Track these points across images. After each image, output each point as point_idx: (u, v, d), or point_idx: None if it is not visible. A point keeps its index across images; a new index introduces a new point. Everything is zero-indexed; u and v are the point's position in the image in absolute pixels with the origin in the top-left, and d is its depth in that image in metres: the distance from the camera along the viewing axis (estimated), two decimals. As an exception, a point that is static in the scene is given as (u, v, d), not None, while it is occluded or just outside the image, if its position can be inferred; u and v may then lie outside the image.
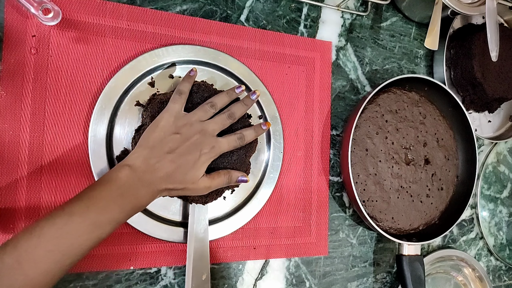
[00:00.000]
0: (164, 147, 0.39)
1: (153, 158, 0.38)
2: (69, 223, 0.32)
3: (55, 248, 0.31)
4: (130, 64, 0.44)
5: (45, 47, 0.42)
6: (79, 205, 0.33)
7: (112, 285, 0.44)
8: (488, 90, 0.61)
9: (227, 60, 0.48)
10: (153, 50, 0.45)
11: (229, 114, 0.43)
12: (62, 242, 0.32)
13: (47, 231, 0.32)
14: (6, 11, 0.40)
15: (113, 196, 0.35)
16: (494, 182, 0.70)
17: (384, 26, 0.61)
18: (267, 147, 0.50)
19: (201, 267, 0.43)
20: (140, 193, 0.36)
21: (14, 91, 0.40)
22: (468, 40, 0.61)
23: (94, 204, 0.34)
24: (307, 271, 0.53)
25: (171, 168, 0.38)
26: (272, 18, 0.53)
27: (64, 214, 0.33)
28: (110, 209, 0.34)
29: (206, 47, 0.47)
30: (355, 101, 0.58)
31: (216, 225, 0.47)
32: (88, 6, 0.43)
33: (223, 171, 0.43)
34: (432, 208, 0.58)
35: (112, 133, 0.43)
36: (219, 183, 0.42)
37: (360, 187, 0.54)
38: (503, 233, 0.70)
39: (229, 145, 0.42)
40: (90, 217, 0.33)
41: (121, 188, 0.35)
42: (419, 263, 0.54)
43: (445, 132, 0.60)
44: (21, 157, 0.40)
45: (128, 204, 0.36)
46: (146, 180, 0.37)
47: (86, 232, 0.33)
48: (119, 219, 0.35)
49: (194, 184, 0.40)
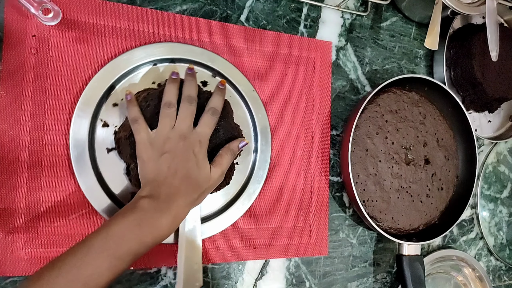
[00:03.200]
0: (163, 171, 0.38)
1: (161, 186, 0.38)
2: (89, 254, 0.33)
3: (75, 278, 0.32)
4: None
5: (45, 47, 0.42)
6: (97, 237, 0.34)
7: (112, 285, 0.43)
8: (488, 90, 0.61)
9: (203, 53, 0.47)
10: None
11: (188, 100, 0.41)
12: (82, 272, 0.32)
13: (68, 262, 0.33)
14: (6, 11, 0.40)
15: (131, 229, 0.35)
16: (494, 182, 0.70)
17: (384, 26, 0.61)
18: (254, 145, 0.50)
19: (192, 256, 0.43)
20: (160, 223, 0.36)
21: (14, 91, 0.40)
22: (468, 40, 0.61)
23: (112, 237, 0.34)
24: (307, 271, 0.53)
25: (182, 184, 0.38)
26: (272, 18, 0.53)
27: (84, 245, 0.33)
28: (128, 241, 0.35)
29: (182, 43, 0.47)
30: (355, 101, 0.58)
31: (208, 222, 0.46)
32: (88, 6, 0.43)
33: (223, 149, 0.43)
34: (432, 208, 0.58)
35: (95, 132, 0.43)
36: (227, 162, 0.42)
37: (360, 187, 0.54)
38: (503, 233, 0.70)
39: (209, 127, 0.41)
40: (108, 249, 0.34)
41: (139, 220, 0.36)
42: (419, 263, 0.54)
43: (445, 132, 0.60)
44: (21, 157, 0.40)
45: (147, 236, 0.36)
46: (165, 208, 0.37)
47: (105, 263, 0.33)
48: (139, 251, 0.35)
49: (208, 180, 0.40)
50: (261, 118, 0.50)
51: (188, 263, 0.43)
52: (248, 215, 0.50)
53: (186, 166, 0.39)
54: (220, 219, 0.47)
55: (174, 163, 0.39)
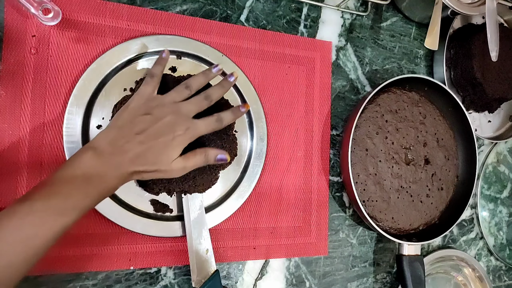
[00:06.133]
0: (134, 128, 0.37)
1: (121, 139, 0.36)
2: (31, 213, 0.30)
3: (16, 240, 0.30)
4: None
5: (45, 47, 0.42)
6: (40, 193, 0.32)
7: (112, 285, 0.44)
8: (488, 90, 0.61)
9: (228, 63, 0.48)
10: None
11: (206, 95, 0.41)
12: (23, 232, 0.30)
13: (8, 222, 0.30)
14: (6, 11, 0.40)
15: (77, 182, 0.33)
16: (494, 182, 0.70)
17: (384, 26, 0.61)
18: (250, 138, 0.50)
19: (202, 244, 0.44)
20: (107, 177, 0.34)
21: (14, 91, 0.40)
22: (468, 40, 0.61)
23: (56, 191, 0.32)
24: (307, 271, 0.53)
25: (141, 149, 0.36)
26: (272, 18, 0.53)
27: (24, 205, 0.31)
28: (74, 196, 0.32)
29: (178, 35, 0.47)
30: (355, 101, 0.58)
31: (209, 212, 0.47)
32: (88, 6, 0.43)
33: (200, 149, 0.40)
34: (432, 208, 0.58)
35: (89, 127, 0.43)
36: (195, 163, 0.40)
37: (360, 187, 0.54)
38: (503, 233, 0.70)
39: (206, 127, 0.40)
40: (52, 205, 0.31)
41: (85, 172, 0.33)
42: (419, 263, 0.54)
43: (445, 132, 0.60)
44: (21, 157, 0.40)
45: (94, 189, 0.34)
46: (113, 163, 0.35)
47: (49, 221, 0.31)
48: (85, 206, 0.33)
49: (167, 166, 0.38)
50: (255, 109, 0.50)
51: (199, 251, 0.44)
52: (247, 214, 0.50)
53: (156, 137, 0.37)
54: (215, 212, 0.47)
55: (150, 128, 0.37)
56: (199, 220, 0.45)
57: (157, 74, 0.41)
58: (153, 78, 0.40)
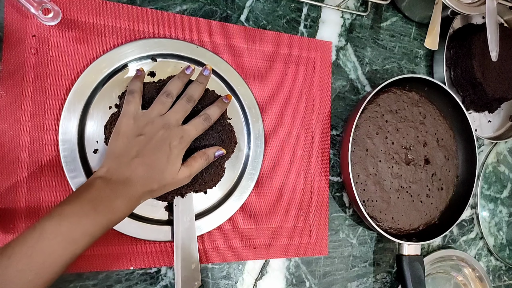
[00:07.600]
0: (131, 152, 0.37)
1: (122, 167, 0.37)
2: (40, 241, 0.31)
3: (26, 268, 0.30)
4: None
5: (45, 47, 0.42)
6: (50, 222, 0.32)
7: (112, 285, 0.44)
8: (488, 90, 0.61)
9: (205, 53, 0.47)
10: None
11: (187, 98, 0.41)
12: (33, 261, 0.30)
13: (18, 250, 0.30)
14: (6, 11, 0.40)
15: (85, 210, 0.33)
16: (494, 182, 0.70)
17: (384, 26, 0.61)
18: (247, 142, 0.49)
19: (189, 255, 0.43)
20: (115, 205, 0.35)
21: (14, 91, 0.40)
22: (468, 40, 0.61)
23: (65, 219, 0.32)
24: (307, 271, 0.53)
25: (144, 171, 0.37)
26: (272, 18, 0.53)
27: (35, 232, 0.31)
28: (83, 224, 0.33)
29: (171, 38, 0.46)
30: (355, 101, 0.58)
31: (202, 219, 0.46)
32: (88, 6, 0.43)
33: (198, 153, 0.42)
34: (432, 208, 0.58)
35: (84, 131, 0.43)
36: (199, 167, 0.41)
37: (360, 187, 0.54)
38: (503, 233, 0.70)
39: (196, 129, 0.41)
40: (62, 233, 0.32)
41: (94, 201, 0.34)
42: (419, 263, 0.54)
43: (445, 132, 0.60)
44: (21, 157, 0.40)
45: (103, 218, 0.34)
46: (121, 191, 0.36)
47: (59, 249, 0.31)
48: (94, 233, 0.34)
49: (174, 178, 0.39)
50: (254, 112, 0.50)
51: (185, 262, 0.43)
52: (247, 215, 0.50)
53: (156, 154, 0.38)
54: (215, 214, 0.47)
55: (146, 148, 0.38)
56: (189, 232, 0.44)
57: (136, 90, 0.41)
58: (133, 94, 0.41)
